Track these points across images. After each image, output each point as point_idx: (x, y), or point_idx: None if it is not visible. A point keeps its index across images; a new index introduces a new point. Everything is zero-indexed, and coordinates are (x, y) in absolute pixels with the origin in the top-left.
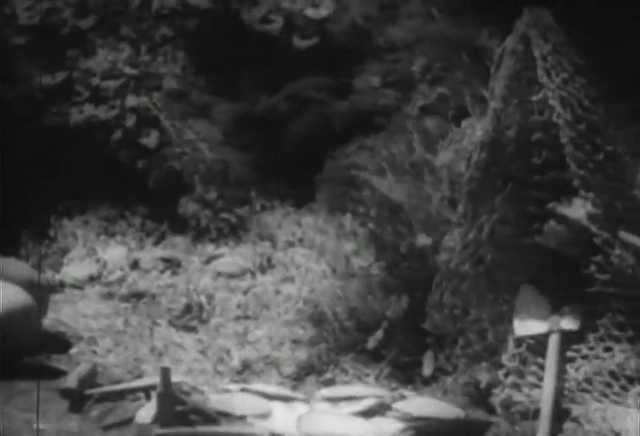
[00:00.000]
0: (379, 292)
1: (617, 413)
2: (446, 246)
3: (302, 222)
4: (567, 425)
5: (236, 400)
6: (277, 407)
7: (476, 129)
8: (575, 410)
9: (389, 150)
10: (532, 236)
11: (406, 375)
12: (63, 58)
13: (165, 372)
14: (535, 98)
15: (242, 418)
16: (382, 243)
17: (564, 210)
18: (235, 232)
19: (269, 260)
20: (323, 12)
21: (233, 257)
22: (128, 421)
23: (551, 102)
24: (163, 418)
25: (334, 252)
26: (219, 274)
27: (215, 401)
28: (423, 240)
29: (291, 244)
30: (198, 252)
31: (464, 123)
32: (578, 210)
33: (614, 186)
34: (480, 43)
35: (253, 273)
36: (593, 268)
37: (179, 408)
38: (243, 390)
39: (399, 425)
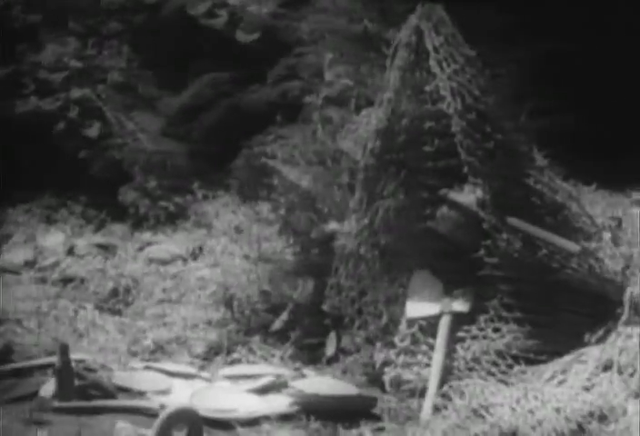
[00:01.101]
0: (290, 276)
1: (488, 389)
2: (344, 231)
3: (241, 210)
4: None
5: (138, 377)
6: (178, 384)
7: (372, 118)
8: (455, 387)
9: (297, 139)
10: (425, 221)
11: (311, 355)
12: (12, 52)
13: (64, 349)
14: (427, 88)
15: (142, 393)
16: (293, 229)
17: (455, 196)
18: (173, 220)
19: (201, 247)
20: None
21: (167, 244)
22: (31, 396)
23: (442, 92)
24: (62, 392)
25: (247, 238)
26: (151, 261)
27: (118, 377)
28: (333, 226)
29: (225, 233)
30: (135, 239)
31: (363, 112)
32: (469, 196)
33: (503, 173)
34: (386, 36)
35: (185, 260)
36: (482, 252)
37: (79, 383)
38: (146, 367)
39: (288, 401)
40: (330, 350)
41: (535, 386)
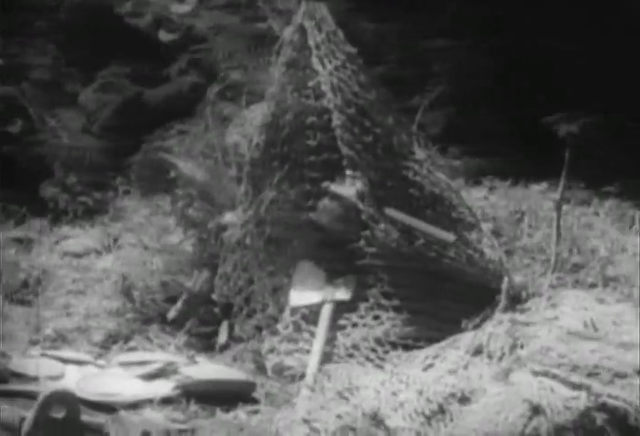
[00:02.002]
0: (187, 266)
1: (355, 372)
2: (231, 222)
3: (142, 204)
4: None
5: (34, 363)
6: (70, 370)
7: (258, 113)
8: (324, 370)
9: (193, 134)
10: (308, 213)
11: (204, 343)
12: None
13: None
14: (310, 84)
15: (35, 379)
16: (191, 221)
17: (336, 188)
18: (92, 214)
19: (116, 240)
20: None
21: (82, 238)
22: None
23: (324, 87)
24: None
25: (147, 230)
26: (65, 253)
27: (14, 364)
28: (228, 217)
29: (142, 226)
30: (53, 234)
31: (251, 107)
32: (349, 188)
33: (382, 166)
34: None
35: (99, 252)
36: (362, 242)
37: None
38: (42, 355)
39: (172, 385)
40: (222, 338)
41: (402, 370)
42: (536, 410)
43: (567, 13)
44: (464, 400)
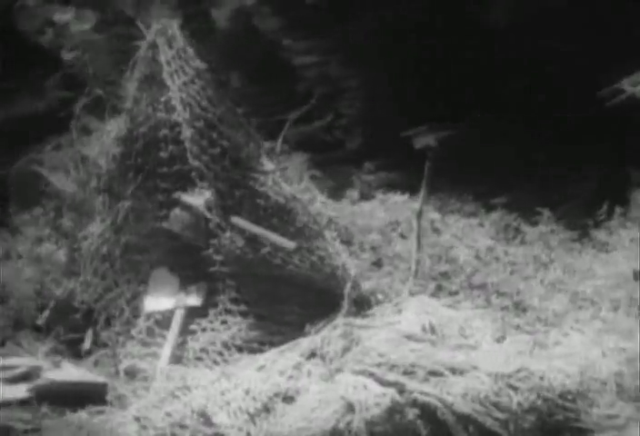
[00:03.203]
0: (60, 275)
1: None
2: (91, 231)
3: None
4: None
5: None
6: None
7: (114, 127)
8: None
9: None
10: (161, 222)
11: (71, 349)
12: None
13: None
14: (162, 99)
15: None
16: (62, 231)
17: (186, 198)
18: None
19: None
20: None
21: None
22: None
23: (174, 102)
24: None
25: (22, 240)
26: None
27: None
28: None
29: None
30: None
31: (110, 121)
32: (198, 198)
33: (229, 177)
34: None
35: None
36: (211, 250)
37: None
38: None
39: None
40: (87, 344)
41: (233, 370)
42: (350, 406)
43: None
44: (288, 399)
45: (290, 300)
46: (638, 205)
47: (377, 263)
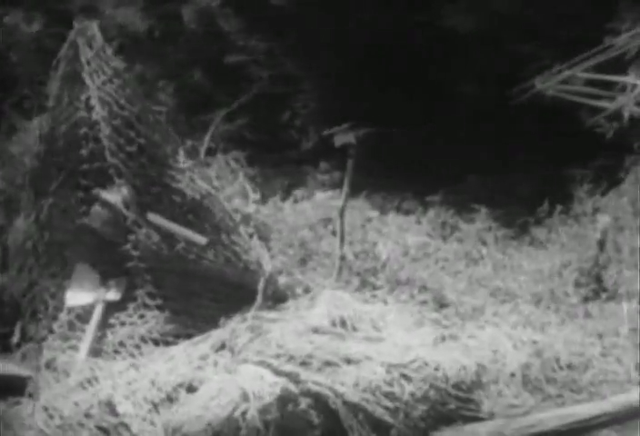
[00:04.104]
0: None
1: (97, 364)
2: (16, 227)
3: None
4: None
5: None
6: None
7: (37, 125)
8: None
9: None
10: (83, 218)
11: (2, 343)
12: None
13: None
14: (82, 97)
15: None
16: None
17: (105, 195)
18: None
19: None
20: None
21: None
22: None
23: (93, 101)
24: None
25: None
26: None
27: None
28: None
29: None
30: None
31: (35, 118)
32: (116, 195)
33: (146, 174)
34: None
35: None
36: (129, 246)
37: None
38: None
39: None
40: (16, 337)
41: (142, 362)
42: (245, 396)
43: None
44: (192, 389)
45: (205, 294)
46: (580, 203)
47: (303, 259)
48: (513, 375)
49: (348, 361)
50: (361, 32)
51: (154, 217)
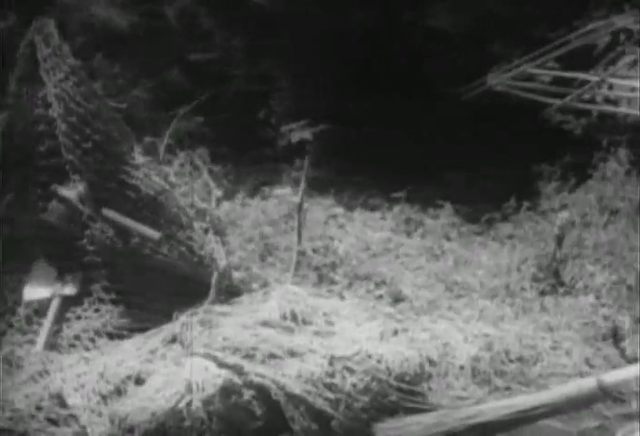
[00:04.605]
0: None
1: (48, 358)
2: None
3: None
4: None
5: None
6: None
7: None
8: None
9: None
10: (41, 214)
11: None
12: None
13: None
14: (40, 95)
15: None
16: None
17: (62, 191)
18: None
19: None
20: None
21: None
22: None
23: (49, 98)
24: None
25: None
26: None
27: None
28: None
29: None
30: None
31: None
32: (72, 190)
33: (102, 169)
34: None
35: None
36: (85, 240)
37: None
38: None
39: None
40: None
41: (93, 355)
42: (190, 387)
43: None
44: (140, 381)
45: (159, 288)
46: (548, 199)
47: (263, 255)
48: (462, 368)
49: (292, 354)
50: (341, 31)
51: (109, 212)
